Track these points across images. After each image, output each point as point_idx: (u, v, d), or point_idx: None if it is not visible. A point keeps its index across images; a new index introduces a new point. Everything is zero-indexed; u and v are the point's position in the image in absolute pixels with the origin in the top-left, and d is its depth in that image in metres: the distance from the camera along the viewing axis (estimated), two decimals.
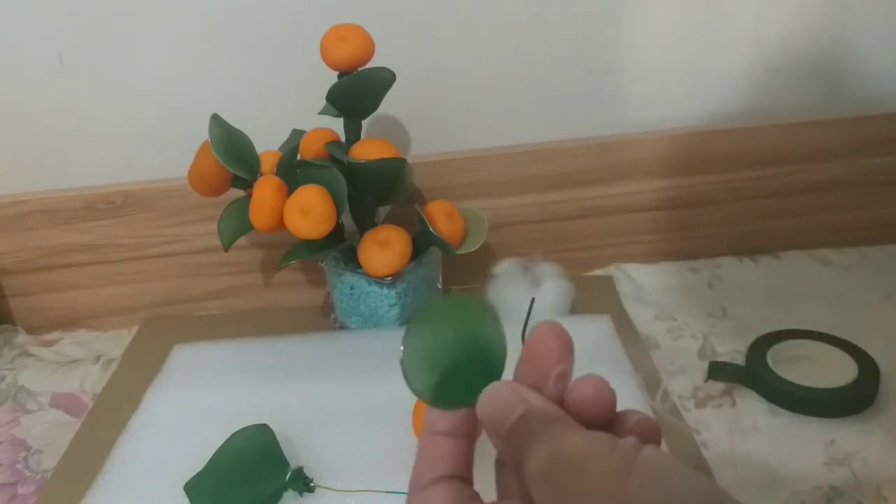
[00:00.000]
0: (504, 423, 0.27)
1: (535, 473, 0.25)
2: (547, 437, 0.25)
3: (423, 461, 0.30)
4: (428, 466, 0.30)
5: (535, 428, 0.26)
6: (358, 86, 0.61)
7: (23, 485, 0.59)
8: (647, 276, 0.73)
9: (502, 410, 0.28)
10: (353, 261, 0.64)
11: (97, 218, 0.73)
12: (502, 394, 0.28)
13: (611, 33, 0.70)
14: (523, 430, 0.27)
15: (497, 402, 0.28)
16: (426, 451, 0.30)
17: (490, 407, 0.28)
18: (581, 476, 0.24)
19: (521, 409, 0.27)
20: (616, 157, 0.71)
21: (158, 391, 0.63)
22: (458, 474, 0.30)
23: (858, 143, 0.71)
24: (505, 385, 0.28)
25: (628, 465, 0.23)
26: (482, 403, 0.28)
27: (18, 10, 0.68)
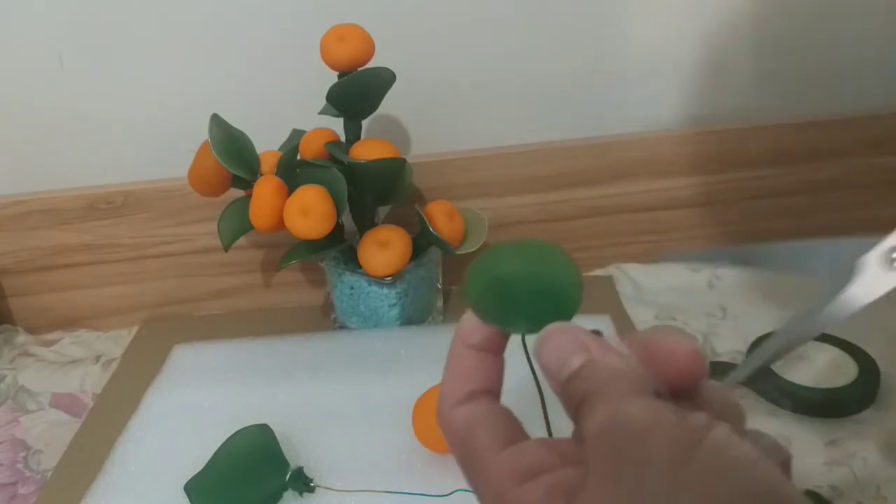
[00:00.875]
0: (562, 371, 0.26)
1: (594, 434, 0.23)
2: (608, 396, 0.24)
3: (456, 374, 0.28)
4: (461, 379, 0.28)
5: (595, 383, 0.25)
6: (358, 86, 0.61)
7: (23, 485, 0.59)
8: (647, 276, 0.73)
9: (562, 356, 0.26)
10: (353, 261, 0.64)
11: (97, 218, 0.73)
12: (564, 337, 0.26)
13: (611, 33, 0.70)
14: (583, 383, 0.25)
15: (558, 345, 0.26)
16: (459, 365, 0.28)
17: (549, 350, 0.26)
18: (641, 449, 0.22)
19: (581, 359, 0.25)
20: (616, 157, 0.71)
21: (158, 391, 0.63)
22: (491, 389, 0.28)
23: (858, 143, 0.71)
24: (567, 328, 0.27)
25: (693, 446, 0.22)
26: (542, 341, 0.27)
27: (18, 10, 0.68)
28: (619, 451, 0.22)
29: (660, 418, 0.23)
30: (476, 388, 0.27)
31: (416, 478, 0.51)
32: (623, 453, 0.22)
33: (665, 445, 0.22)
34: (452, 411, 0.27)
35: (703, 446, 0.22)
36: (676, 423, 0.22)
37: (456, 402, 0.27)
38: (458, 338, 0.28)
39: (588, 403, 0.24)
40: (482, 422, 0.27)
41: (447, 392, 0.28)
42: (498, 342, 0.28)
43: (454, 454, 0.27)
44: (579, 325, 0.27)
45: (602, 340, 0.27)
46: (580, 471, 0.24)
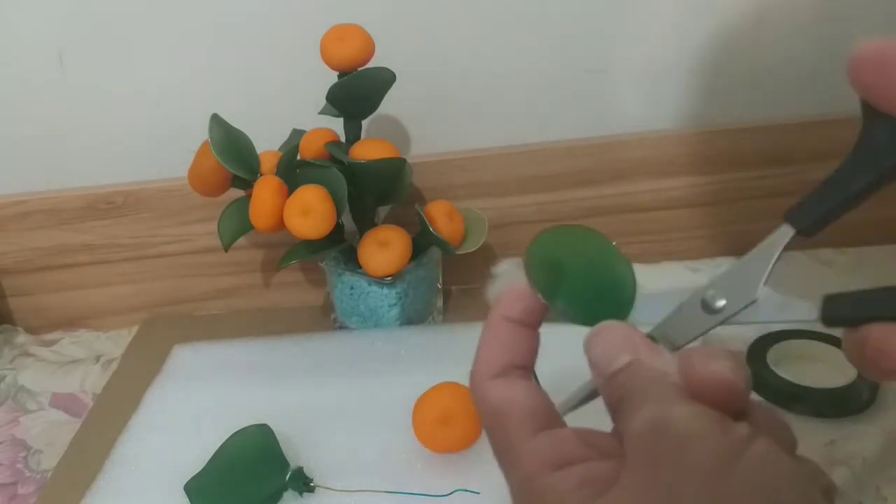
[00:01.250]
0: (609, 365, 0.26)
1: (635, 432, 0.23)
2: (651, 397, 0.24)
3: (493, 346, 0.28)
4: (498, 352, 0.28)
5: (639, 383, 0.25)
6: (358, 86, 0.61)
7: (23, 485, 0.59)
8: (647, 276, 0.73)
9: (611, 351, 0.26)
10: (353, 261, 0.64)
11: (97, 218, 0.73)
12: (615, 334, 0.27)
13: (611, 33, 0.70)
14: (627, 381, 0.25)
15: (608, 341, 0.27)
16: (497, 338, 0.28)
17: (599, 345, 0.27)
18: (681, 455, 0.22)
19: (628, 358, 0.26)
20: (616, 157, 0.71)
21: (158, 391, 0.63)
22: (526, 364, 0.28)
23: None
24: (620, 326, 0.27)
25: (735, 457, 0.22)
26: (594, 335, 0.27)
27: (18, 10, 0.68)
28: (660, 453, 0.22)
29: (704, 425, 0.23)
30: (512, 363, 0.27)
31: (416, 478, 0.51)
32: (663, 455, 0.22)
33: (706, 453, 0.22)
34: (487, 384, 0.27)
35: (745, 458, 0.22)
36: (720, 433, 0.22)
37: (491, 374, 0.27)
38: (498, 309, 0.28)
39: (629, 401, 0.24)
40: (516, 400, 0.26)
41: (482, 363, 0.28)
42: (537, 316, 0.28)
43: (485, 426, 0.27)
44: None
45: (652, 344, 0.27)
46: (613, 464, 0.24)
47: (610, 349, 0.26)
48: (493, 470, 0.50)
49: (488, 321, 0.28)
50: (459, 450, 0.52)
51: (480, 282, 0.68)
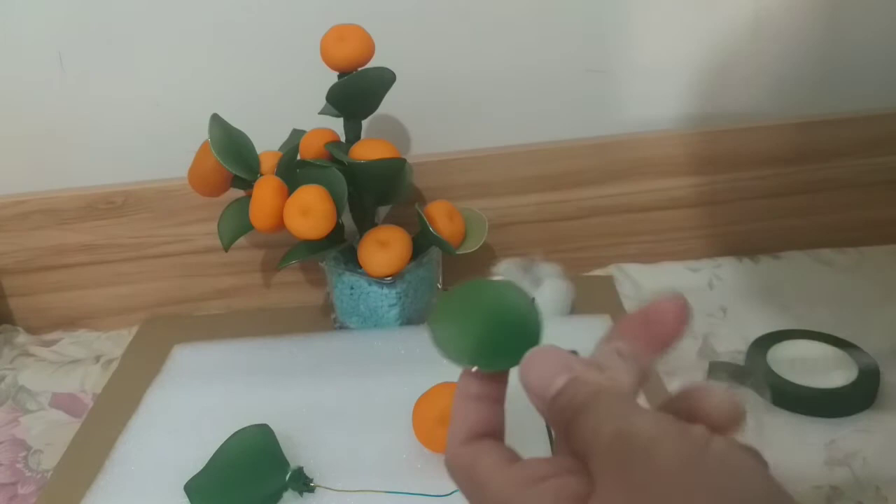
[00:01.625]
0: (548, 389, 0.26)
1: (602, 449, 0.24)
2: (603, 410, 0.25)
3: (459, 420, 0.29)
4: (464, 426, 0.29)
5: (583, 399, 0.25)
6: (358, 86, 0.61)
7: (23, 485, 0.59)
8: (647, 276, 0.73)
9: (546, 376, 0.27)
10: (353, 261, 0.64)
11: (97, 218, 0.73)
12: (547, 357, 0.27)
13: (611, 33, 0.70)
14: (571, 400, 0.26)
15: (541, 366, 0.27)
16: (461, 413, 0.29)
17: (533, 372, 0.27)
18: (650, 458, 0.23)
19: (565, 376, 0.26)
20: (616, 157, 0.71)
21: (158, 391, 0.63)
22: (493, 432, 0.29)
23: (858, 143, 0.71)
24: (548, 349, 0.28)
25: (700, 452, 0.22)
26: (525, 367, 0.27)
27: (18, 10, 0.68)
28: (628, 461, 0.23)
29: (665, 428, 0.23)
30: (478, 431, 0.28)
31: (416, 478, 0.51)
32: (633, 464, 0.23)
33: (673, 452, 0.23)
34: (457, 449, 0.29)
35: (709, 452, 0.23)
36: (680, 432, 0.23)
37: (460, 442, 0.29)
38: (458, 390, 0.29)
39: (580, 419, 0.25)
40: (486, 451, 0.28)
41: (451, 436, 0.29)
42: (496, 390, 0.29)
43: (461, 489, 0.29)
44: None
45: (583, 358, 0.27)
46: (583, 479, 0.25)
47: (544, 373, 0.27)
48: None
49: (454, 401, 0.30)
50: None
51: None
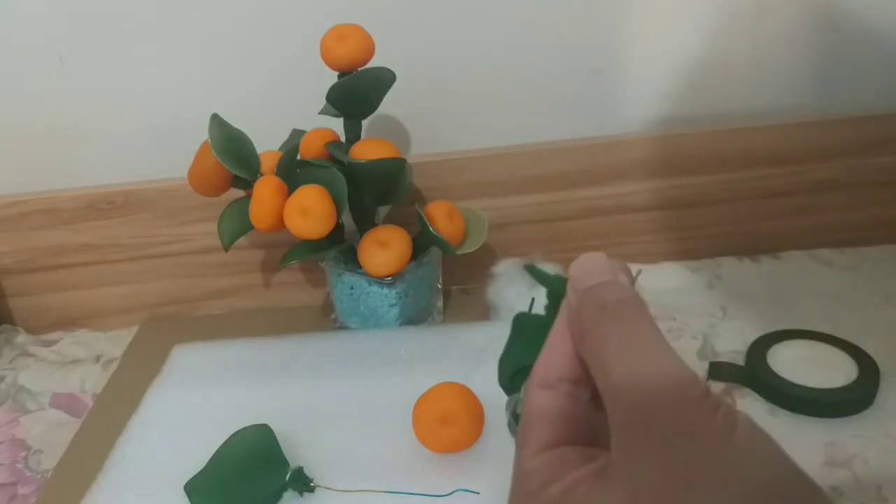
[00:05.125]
0: (588, 280, 0.27)
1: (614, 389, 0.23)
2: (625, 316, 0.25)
3: (552, 355, 0.28)
4: (554, 362, 0.28)
5: (611, 304, 0.25)
6: (358, 86, 0.61)
7: (23, 485, 0.59)
8: (646, 276, 0.73)
9: (590, 270, 0.27)
10: (353, 261, 0.64)
11: (97, 218, 0.73)
12: (599, 258, 0.28)
13: (611, 33, 0.70)
14: (601, 294, 0.26)
15: (589, 262, 0.27)
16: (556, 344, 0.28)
17: (580, 265, 0.28)
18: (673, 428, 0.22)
19: (606, 277, 0.26)
20: (616, 157, 0.71)
21: (158, 391, 0.63)
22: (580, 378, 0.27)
23: (858, 143, 0.71)
24: (602, 255, 0.28)
25: (729, 434, 0.22)
26: (580, 260, 0.28)
27: (18, 10, 0.68)
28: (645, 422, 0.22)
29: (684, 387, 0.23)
30: (564, 376, 0.27)
31: (416, 478, 0.51)
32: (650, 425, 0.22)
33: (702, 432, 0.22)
34: (532, 390, 0.28)
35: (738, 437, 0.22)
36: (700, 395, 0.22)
37: (540, 383, 0.28)
38: (561, 318, 0.28)
39: (600, 324, 0.25)
40: (544, 419, 0.27)
41: (537, 369, 0.28)
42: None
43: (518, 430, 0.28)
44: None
45: (630, 272, 0.28)
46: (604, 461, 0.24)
47: (589, 268, 0.27)
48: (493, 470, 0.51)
49: (553, 328, 0.28)
50: (459, 450, 0.52)
51: (480, 282, 0.68)
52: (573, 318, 0.27)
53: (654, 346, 0.24)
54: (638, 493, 0.22)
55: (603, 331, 0.25)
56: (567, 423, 0.27)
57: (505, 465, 0.27)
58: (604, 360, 0.24)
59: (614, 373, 0.24)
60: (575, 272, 0.27)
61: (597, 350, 0.25)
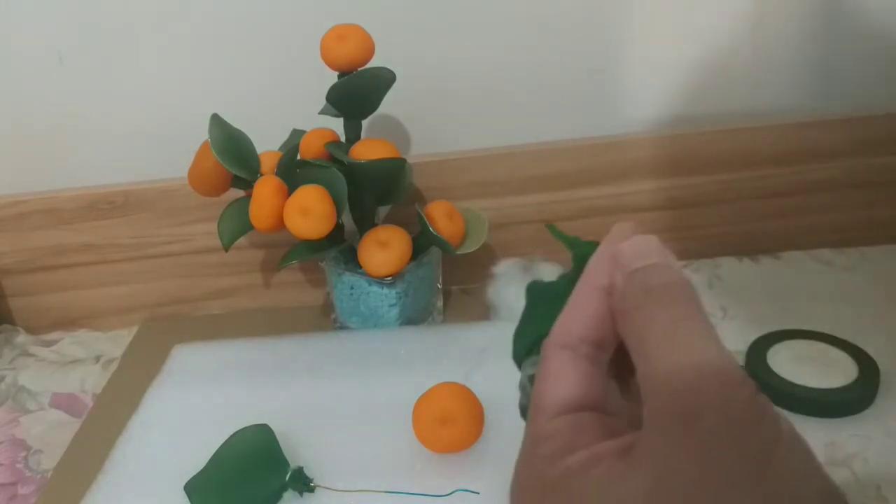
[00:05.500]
0: (636, 262, 0.25)
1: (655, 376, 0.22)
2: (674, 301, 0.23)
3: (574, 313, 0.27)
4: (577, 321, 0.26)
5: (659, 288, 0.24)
6: (358, 86, 0.61)
7: (23, 485, 0.59)
8: None
9: (641, 250, 0.25)
10: (353, 261, 0.64)
11: (97, 218, 0.73)
12: (650, 240, 0.26)
13: (611, 33, 0.70)
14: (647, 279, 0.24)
15: (640, 242, 0.26)
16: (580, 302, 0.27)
17: (630, 244, 0.26)
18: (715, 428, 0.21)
19: (657, 259, 0.25)
20: (616, 157, 0.71)
21: (158, 391, 0.63)
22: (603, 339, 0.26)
23: (858, 143, 0.71)
24: (653, 237, 0.26)
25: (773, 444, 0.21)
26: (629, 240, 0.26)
27: (18, 9, 0.68)
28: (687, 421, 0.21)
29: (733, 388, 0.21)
30: (587, 337, 0.26)
31: (416, 478, 0.51)
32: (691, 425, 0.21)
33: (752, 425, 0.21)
34: (553, 350, 0.26)
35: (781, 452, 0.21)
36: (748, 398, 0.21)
37: (562, 343, 0.26)
38: (586, 277, 0.27)
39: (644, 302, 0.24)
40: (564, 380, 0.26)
41: (559, 328, 0.27)
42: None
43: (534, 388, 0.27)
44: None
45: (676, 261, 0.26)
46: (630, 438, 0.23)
47: (641, 249, 0.26)
48: (493, 470, 0.51)
49: (576, 288, 0.27)
50: (459, 450, 0.52)
51: (480, 282, 0.68)
52: (617, 297, 0.25)
53: (704, 338, 0.23)
54: (664, 485, 0.21)
55: (648, 315, 0.24)
56: (587, 387, 0.26)
57: (505, 465, 0.26)
58: (646, 344, 0.23)
59: (657, 359, 0.23)
60: (623, 251, 0.26)
61: (639, 333, 0.24)
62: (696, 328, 0.23)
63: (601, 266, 0.27)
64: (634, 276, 0.25)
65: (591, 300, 0.26)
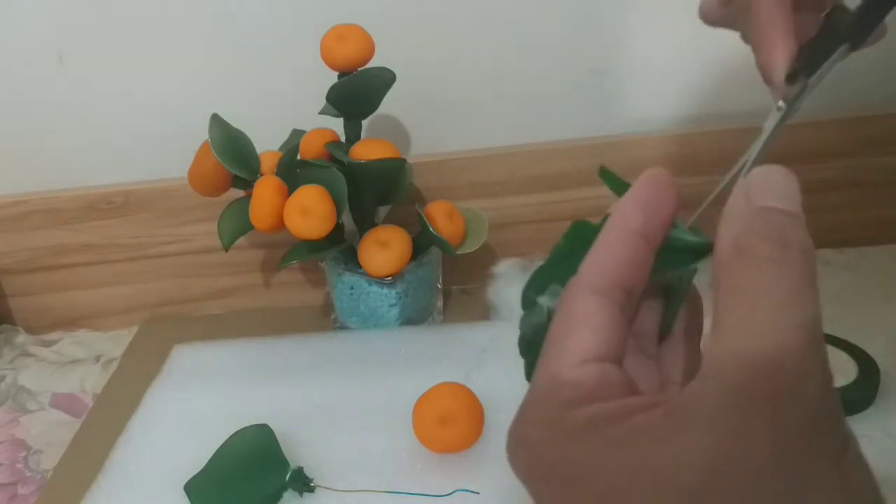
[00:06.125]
0: (770, 198, 0.22)
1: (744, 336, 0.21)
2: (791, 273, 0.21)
3: (604, 257, 0.25)
4: (608, 265, 0.25)
5: (788, 242, 0.21)
6: (358, 86, 0.61)
7: (23, 485, 0.59)
8: None
9: (782, 190, 0.23)
10: (353, 261, 0.64)
11: (97, 218, 0.73)
12: (794, 180, 0.23)
13: (611, 33, 0.70)
14: (780, 227, 0.22)
15: (785, 180, 0.23)
16: (610, 244, 0.25)
17: (773, 177, 0.23)
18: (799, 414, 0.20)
19: (795, 209, 0.22)
20: (616, 157, 0.71)
21: (158, 391, 0.63)
22: (633, 287, 0.25)
23: (858, 143, 0.71)
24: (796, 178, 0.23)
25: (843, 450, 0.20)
26: (766, 171, 0.24)
27: (18, 10, 0.68)
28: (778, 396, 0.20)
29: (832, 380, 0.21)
30: (619, 283, 0.24)
31: (416, 478, 0.51)
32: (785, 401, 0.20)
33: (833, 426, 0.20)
34: (583, 294, 0.24)
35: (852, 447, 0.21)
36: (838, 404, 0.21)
37: (593, 288, 0.24)
38: (618, 218, 0.25)
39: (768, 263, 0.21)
40: (592, 326, 0.24)
41: (587, 272, 0.25)
42: (658, 230, 0.26)
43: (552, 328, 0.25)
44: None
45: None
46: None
47: (782, 189, 0.23)
48: (493, 470, 0.50)
49: (605, 230, 0.25)
50: (459, 450, 0.52)
51: (480, 282, 0.68)
52: (730, 222, 0.23)
53: (812, 322, 0.21)
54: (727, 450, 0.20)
55: (766, 269, 0.21)
56: (615, 338, 0.24)
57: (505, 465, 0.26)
58: (746, 296, 0.21)
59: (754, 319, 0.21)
60: (759, 182, 0.23)
61: (743, 282, 0.22)
62: (807, 308, 0.21)
63: (633, 208, 0.25)
64: (764, 216, 0.22)
65: (624, 243, 0.25)
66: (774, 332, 0.21)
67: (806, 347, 0.21)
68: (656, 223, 0.26)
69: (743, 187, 0.24)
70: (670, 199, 0.27)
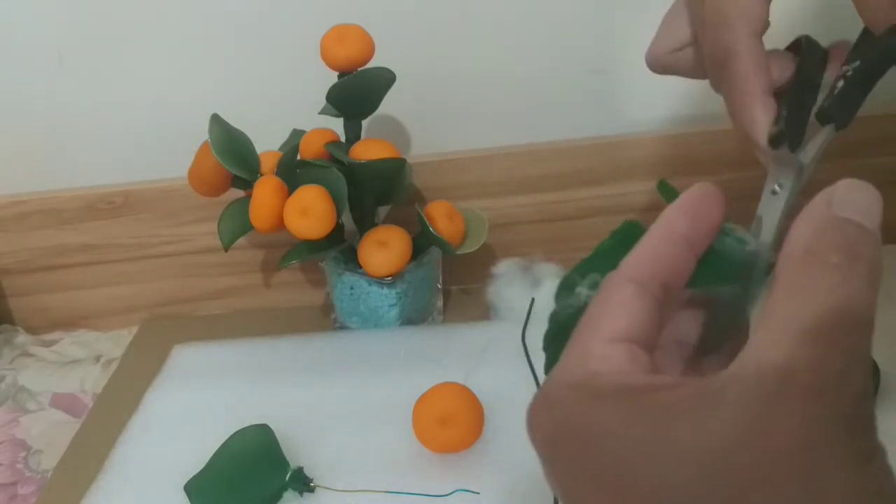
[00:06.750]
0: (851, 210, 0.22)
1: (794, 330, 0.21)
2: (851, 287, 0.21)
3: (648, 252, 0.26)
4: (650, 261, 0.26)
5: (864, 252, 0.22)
6: (358, 86, 0.61)
7: (23, 485, 0.59)
8: None
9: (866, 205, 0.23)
10: (353, 261, 0.64)
11: (97, 218, 0.73)
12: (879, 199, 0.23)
13: (611, 33, 0.70)
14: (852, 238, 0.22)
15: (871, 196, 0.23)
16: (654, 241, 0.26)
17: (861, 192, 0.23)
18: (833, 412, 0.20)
19: (873, 226, 0.22)
20: (616, 157, 0.71)
21: (158, 391, 0.63)
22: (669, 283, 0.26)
23: (858, 143, 0.71)
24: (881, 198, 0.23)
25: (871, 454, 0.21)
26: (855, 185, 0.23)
27: (18, 9, 0.68)
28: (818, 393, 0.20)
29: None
30: (657, 277, 0.26)
31: (416, 478, 0.51)
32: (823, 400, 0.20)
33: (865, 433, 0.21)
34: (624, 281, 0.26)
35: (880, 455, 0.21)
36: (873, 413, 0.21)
37: (632, 277, 0.26)
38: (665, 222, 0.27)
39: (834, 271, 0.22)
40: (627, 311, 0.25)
41: (630, 263, 0.26)
42: (702, 238, 0.27)
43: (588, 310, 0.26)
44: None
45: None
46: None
47: (866, 203, 0.23)
48: (493, 470, 0.50)
49: (660, 224, 0.27)
50: (459, 450, 0.52)
51: (480, 282, 0.68)
52: (805, 224, 0.23)
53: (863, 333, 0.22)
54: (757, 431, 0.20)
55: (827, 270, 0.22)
56: (647, 325, 0.25)
57: (505, 465, 0.26)
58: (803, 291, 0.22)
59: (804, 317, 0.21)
60: (842, 193, 0.23)
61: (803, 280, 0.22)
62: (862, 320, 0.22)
63: (681, 214, 0.27)
64: (845, 228, 0.22)
65: (668, 243, 0.26)
66: (824, 332, 0.21)
67: (853, 354, 0.21)
68: (701, 231, 0.27)
69: (826, 195, 0.24)
70: (717, 209, 0.28)
